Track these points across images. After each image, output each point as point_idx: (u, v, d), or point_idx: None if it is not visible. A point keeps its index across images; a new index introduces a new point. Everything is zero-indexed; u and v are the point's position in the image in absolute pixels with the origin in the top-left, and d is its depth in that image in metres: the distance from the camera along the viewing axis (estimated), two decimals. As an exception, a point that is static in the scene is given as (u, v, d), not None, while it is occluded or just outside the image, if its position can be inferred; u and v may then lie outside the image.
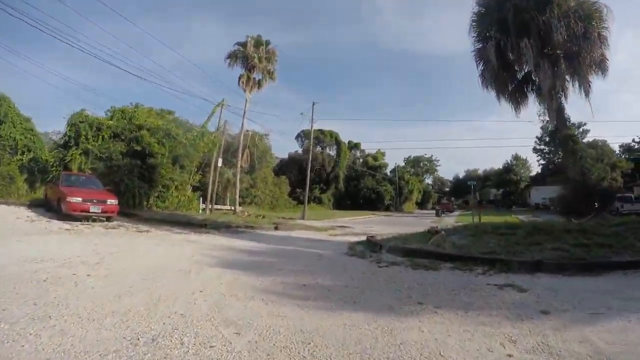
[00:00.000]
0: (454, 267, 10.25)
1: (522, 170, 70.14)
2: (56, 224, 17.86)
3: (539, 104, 25.23)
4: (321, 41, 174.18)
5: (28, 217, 19.58)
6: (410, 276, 9.23)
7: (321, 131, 78.98)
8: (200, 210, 34.23)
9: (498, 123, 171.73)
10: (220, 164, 35.79)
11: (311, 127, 47.07)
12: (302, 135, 79.67)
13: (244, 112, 39.33)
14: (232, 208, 39.99)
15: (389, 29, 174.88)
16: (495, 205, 74.36)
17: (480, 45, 23.87)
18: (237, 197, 40.40)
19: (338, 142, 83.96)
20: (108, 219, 20.29)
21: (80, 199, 19.33)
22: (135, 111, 31.78)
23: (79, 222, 18.74)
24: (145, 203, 28.73)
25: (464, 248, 12.48)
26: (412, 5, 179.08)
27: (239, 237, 17.66)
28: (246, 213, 38.09)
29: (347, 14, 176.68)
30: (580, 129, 75.43)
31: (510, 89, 24.42)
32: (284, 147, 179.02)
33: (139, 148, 28.64)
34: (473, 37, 24.15)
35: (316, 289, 7.74)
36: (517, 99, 24.42)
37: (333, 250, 14.05)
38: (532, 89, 24.46)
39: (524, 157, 78.54)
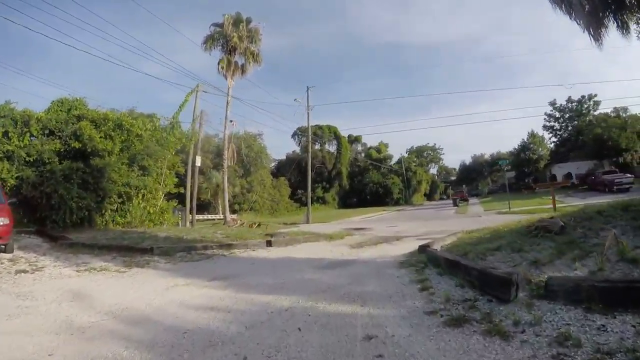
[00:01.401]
0: None
1: (540, 149, 61.76)
2: None
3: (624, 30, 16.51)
4: (306, 41, 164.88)
5: None
6: None
7: (319, 126, 71.07)
8: (188, 224, 26.62)
9: (493, 109, 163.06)
10: (198, 162, 27.45)
11: (307, 115, 38.64)
12: (299, 133, 71.27)
13: (227, 102, 31.35)
14: (223, 216, 31.78)
15: (375, 22, 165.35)
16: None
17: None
18: (227, 203, 32.35)
19: (337, 137, 75.54)
20: (6, 247, 12.02)
21: (-63, 223, 11.07)
22: (76, 100, 23.41)
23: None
24: (100, 220, 20.40)
25: None
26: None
27: (190, 274, 9.04)
28: (239, 222, 30.08)
29: (329, 10, 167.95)
30: (591, 101, 70.06)
31: (586, 10, 15.44)
32: (280, 147, 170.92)
33: (78, 145, 20.13)
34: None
35: None
36: (595, 23, 15.48)
37: (392, 302, 5.85)
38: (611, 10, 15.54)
39: (541, 134, 68.72)
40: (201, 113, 28.20)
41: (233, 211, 43.20)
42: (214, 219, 35.83)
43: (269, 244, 14.15)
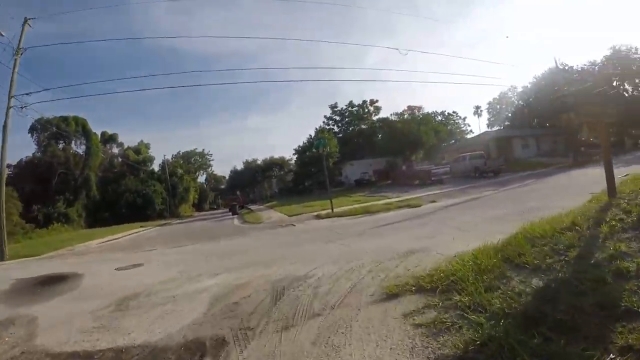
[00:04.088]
0: None
1: (329, 147, 53.53)
2: None
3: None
4: (79, 33, 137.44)
5: None
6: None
7: (64, 119, 52.55)
8: None
9: (261, 117, 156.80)
10: None
11: (15, 62, 20.99)
12: (39, 128, 52.02)
13: None
14: None
15: (157, 26, 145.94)
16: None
17: None
18: None
19: (87, 133, 56.14)
20: None
21: None
22: None
23: None
24: None
25: None
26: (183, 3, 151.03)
27: None
28: None
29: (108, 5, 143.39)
30: (372, 106, 75.86)
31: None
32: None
33: None
34: None
35: None
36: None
37: None
38: None
39: (329, 129, 66.20)
40: None
41: None
42: None
43: None
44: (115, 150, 67.48)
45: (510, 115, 66.81)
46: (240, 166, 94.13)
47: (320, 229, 15.68)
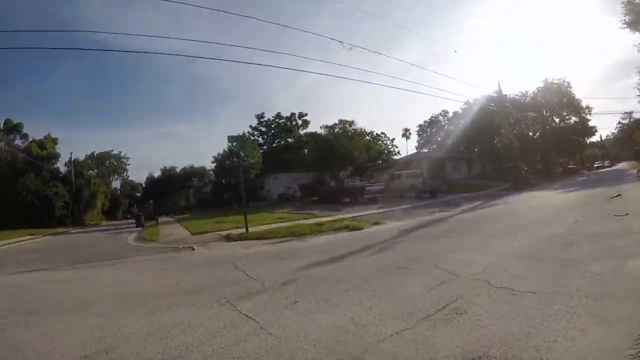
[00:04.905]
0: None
1: (251, 158, 48.33)
2: None
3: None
4: None
5: None
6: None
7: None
8: None
9: (187, 124, 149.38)
10: None
11: None
12: None
13: None
14: None
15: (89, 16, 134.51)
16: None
17: None
18: None
19: None
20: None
21: None
22: None
23: None
24: None
25: None
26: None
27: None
28: None
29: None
30: (301, 120, 74.69)
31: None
32: None
33: None
34: None
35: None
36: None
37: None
38: None
39: (252, 136, 63.65)
40: None
41: None
42: None
43: None
44: (20, 142, 56.92)
45: (439, 139, 68.19)
46: (158, 173, 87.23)
47: (224, 262, 10.68)
